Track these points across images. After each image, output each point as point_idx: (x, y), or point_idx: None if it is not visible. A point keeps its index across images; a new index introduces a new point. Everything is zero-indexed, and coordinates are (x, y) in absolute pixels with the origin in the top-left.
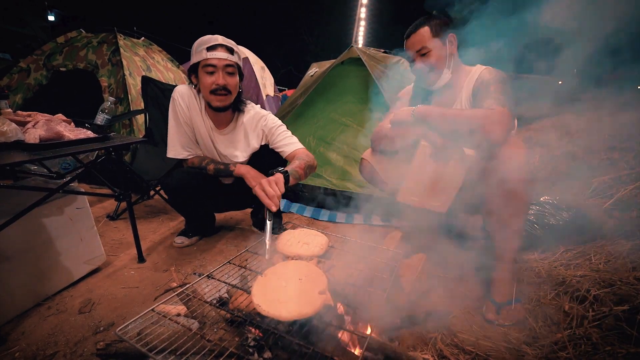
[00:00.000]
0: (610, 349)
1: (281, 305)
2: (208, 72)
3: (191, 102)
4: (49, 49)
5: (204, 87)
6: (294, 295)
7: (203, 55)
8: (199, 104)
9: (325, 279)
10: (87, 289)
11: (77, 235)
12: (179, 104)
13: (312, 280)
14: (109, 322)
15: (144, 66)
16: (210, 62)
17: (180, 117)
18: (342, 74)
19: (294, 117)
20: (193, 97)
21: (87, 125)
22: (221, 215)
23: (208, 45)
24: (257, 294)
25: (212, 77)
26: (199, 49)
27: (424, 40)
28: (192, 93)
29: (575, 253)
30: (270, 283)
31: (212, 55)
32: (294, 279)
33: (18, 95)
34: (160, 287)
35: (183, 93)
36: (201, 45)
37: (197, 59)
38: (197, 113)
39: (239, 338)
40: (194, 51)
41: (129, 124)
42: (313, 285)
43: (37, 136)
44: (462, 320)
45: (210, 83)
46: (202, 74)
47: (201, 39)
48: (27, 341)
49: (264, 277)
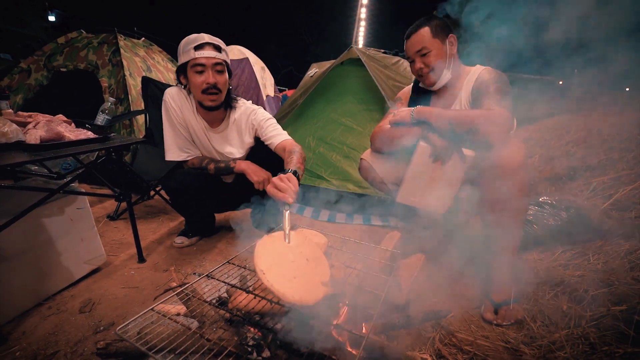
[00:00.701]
0: (608, 349)
1: (287, 283)
2: (197, 71)
3: (183, 103)
4: (50, 50)
5: (195, 87)
6: (299, 276)
7: (191, 55)
8: (191, 104)
9: (329, 270)
10: (88, 288)
11: (77, 236)
12: (171, 106)
13: (317, 266)
14: (109, 321)
15: (144, 67)
16: (199, 61)
17: (174, 119)
18: (342, 75)
19: (294, 117)
20: (184, 98)
21: (87, 126)
22: (221, 215)
23: (195, 44)
24: (262, 259)
25: (201, 76)
26: (187, 48)
27: (424, 40)
28: (183, 94)
29: (573, 253)
30: (276, 249)
31: (200, 54)
32: (301, 258)
33: (19, 96)
34: (160, 287)
35: (174, 95)
36: (188, 44)
37: (185, 58)
38: (190, 113)
39: (237, 337)
40: (181, 51)
41: (129, 124)
42: (317, 272)
43: (37, 137)
44: (460, 320)
45: (201, 82)
46: (191, 73)
47: (187, 38)
48: (27, 340)
49: (270, 238)
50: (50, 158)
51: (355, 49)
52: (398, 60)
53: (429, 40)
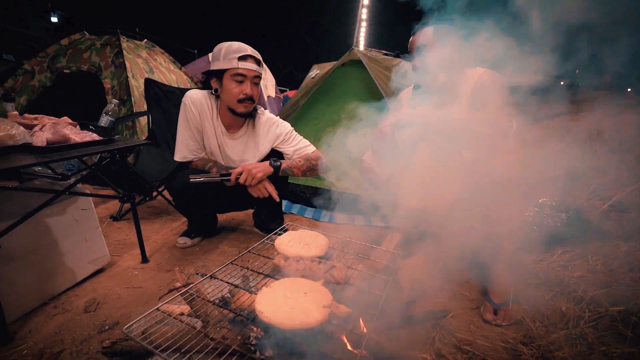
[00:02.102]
0: (606, 349)
1: (283, 314)
2: (237, 80)
3: (202, 109)
4: (53, 51)
5: (231, 94)
6: (297, 306)
7: (234, 64)
8: (211, 109)
9: (331, 295)
10: (92, 288)
11: (82, 236)
12: (190, 110)
13: (317, 295)
14: (114, 321)
15: (146, 68)
16: (241, 72)
17: (190, 122)
18: (343, 76)
19: (295, 118)
20: (205, 103)
21: (91, 128)
22: (223, 216)
23: (239, 54)
24: (260, 302)
25: (240, 86)
26: (229, 56)
27: (425, 39)
28: (205, 98)
29: (573, 254)
30: (274, 293)
31: (244, 65)
32: (299, 293)
33: (23, 97)
34: (164, 287)
35: (195, 99)
36: (231, 53)
37: (224, 65)
38: (208, 119)
39: (241, 337)
40: (221, 57)
41: (132, 125)
42: (317, 299)
43: (44, 139)
44: (460, 320)
45: (239, 92)
46: (229, 81)
47: (228, 45)
48: (34, 339)
49: (269, 288)
50: (56, 160)
51: (357, 51)
52: (399, 62)
53: (430, 39)
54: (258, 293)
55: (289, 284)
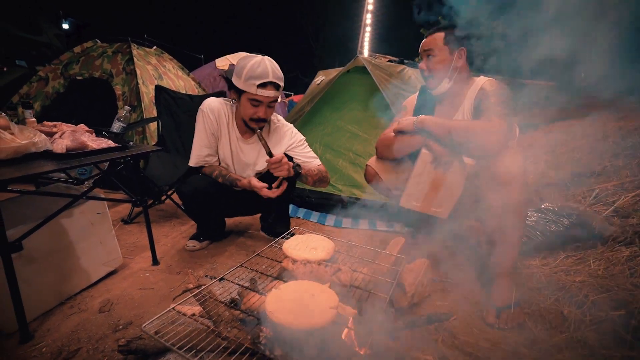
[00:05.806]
0: (606, 352)
1: (292, 314)
2: (253, 104)
3: (220, 117)
4: (66, 59)
5: (245, 113)
6: (305, 307)
7: (252, 90)
8: (227, 116)
9: (337, 298)
10: (106, 289)
11: (97, 239)
12: (208, 117)
13: (324, 297)
14: (128, 320)
15: (156, 74)
16: (258, 98)
17: (207, 130)
18: (348, 83)
19: (301, 124)
20: (222, 110)
21: (104, 133)
22: (231, 219)
23: (260, 82)
24: (270, 303)
25: (255, 109)
26: (249, 81)
27: (434, 43)
28: (222, 106)
29: (575, 259)
30: (283, 295)
31: (262, 93)
32: (307, 294)
33: (36, 103)
34: (175, 289)
35: (213, 107)
36: (252, 77)
37: (244, 87)
38: (224, 124)
39: (251, 336)
40: (242, 78)
41: (142, 131)
42: (324, 301)
43: (64, 146)
44: (463, 323)
45: (252, 113)
46: (246, 101)
47: (251, 67)
48: (52, 337)
49: (278, 290)
50: (76, 167)
51: (361, 58)
52: (403, 69)
53: (439, 44)
54: (267, 295)
55: (297, 286)
